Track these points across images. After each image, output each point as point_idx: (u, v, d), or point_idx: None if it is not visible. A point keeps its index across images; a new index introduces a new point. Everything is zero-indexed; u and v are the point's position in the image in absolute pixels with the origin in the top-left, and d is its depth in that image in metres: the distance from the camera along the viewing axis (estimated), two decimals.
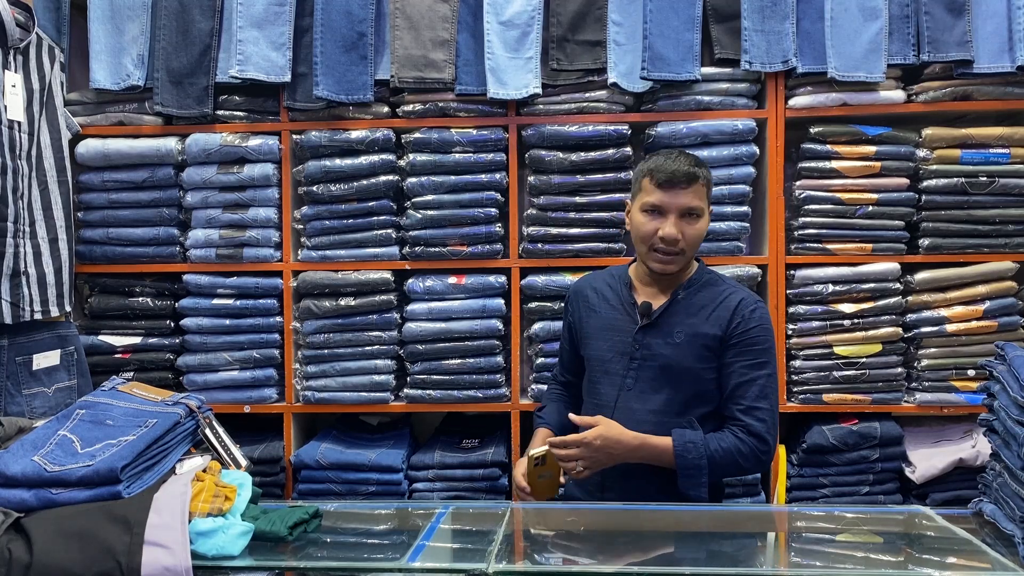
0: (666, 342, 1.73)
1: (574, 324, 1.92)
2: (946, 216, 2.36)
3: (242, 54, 2.40)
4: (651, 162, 1.74)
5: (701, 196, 1.72)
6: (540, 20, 2.42)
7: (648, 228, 1.71)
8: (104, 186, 2.48)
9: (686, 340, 1.72)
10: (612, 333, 1.79)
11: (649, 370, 1.74)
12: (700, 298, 1.76)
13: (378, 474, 2.39)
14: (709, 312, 1.74)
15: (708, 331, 1.72)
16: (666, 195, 1.69)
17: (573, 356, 1.95)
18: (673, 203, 1.69)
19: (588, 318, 1.86)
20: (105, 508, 1.20)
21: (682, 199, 1.69)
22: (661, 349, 1.73)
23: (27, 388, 2.12)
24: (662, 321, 1.75)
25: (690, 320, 1.74)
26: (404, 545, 1.36)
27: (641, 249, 1.76)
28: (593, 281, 1.92)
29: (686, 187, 1.69)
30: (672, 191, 1.69)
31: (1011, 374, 1.38)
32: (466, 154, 2.43)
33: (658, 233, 1.69)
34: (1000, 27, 2.31)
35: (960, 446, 2.34)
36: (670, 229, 1.68)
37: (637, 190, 1.77)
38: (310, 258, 2.48)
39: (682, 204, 1.69)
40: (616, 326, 1.79)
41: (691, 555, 1.42)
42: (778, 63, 2.36)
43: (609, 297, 1.84)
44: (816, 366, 2.38)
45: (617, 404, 1.75)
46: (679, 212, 1.69)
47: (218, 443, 1.44)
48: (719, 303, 1.74)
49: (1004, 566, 1.22)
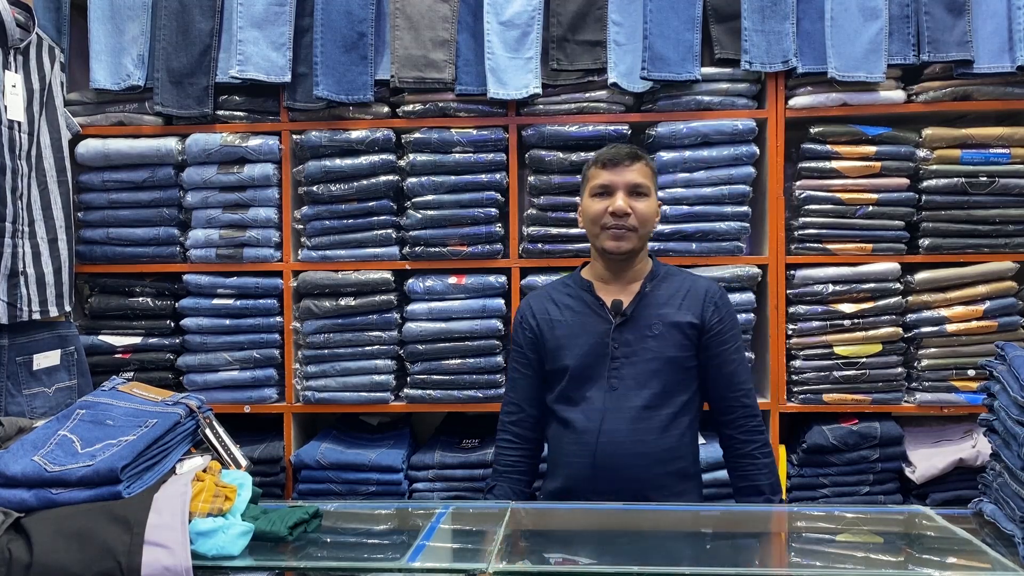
0: (645, 336, 1.74)
1: (537, 341, 1.82)
2: (946, 216, 2.36)
3: (242, 54, 2.40)
4: (595, 154, 1.82)
5: (646, 175, 1.77)
6: (540, 20, 2.42)
7: (598, 207, 1.75)
8: (104, 186, 2.48)
9: (664, 330, 1.74)
10: (587, 337, 1.76)
11: (632, 367, 1.74)
12: (667, 288, 1.79)
13: (378, 474, 2.39)
14: (680, 301, 1.77)
15: (683, 319, 1.75)
16: (611, 173, 1.75)
17: (535, 382, 1.84)
18: (619, 180, 1.74)
19: (554, 330, 1.80)
20: (105, 508, 1.20)
21: (627, 175, 1.74)
22: (641, 344, 1.74)
23: (27, 388, 2.12)
24: (636, 316, 1.76)
25: (663, 310, 1.76)
26: (404, 545, 1.36)
27: (594, 231, 1.77)
28: (547, 294, 1.87)
29: (630, 164, 1.75)
30: (617, 169, 1.74)
31: (1011, 374, 1.38)
32: (466, 154, 2.43)
33: (608, 209, 1.73)
34: (1000, 27, 2.31)
35: (960, 446, 2.34)
36: (619, 203, 1.72)
37: (585, 182, 1.82)
38: (310, 258, 2.48)
39: (628, 180, 1.74)
40: (589, 329, 1.76)
41: (691, 555, 1.42)
42: (778, 63, 2.36)
43: (572, 304, 1.81)
44: (816, 366, 2.38)
45: (605, 406, 1.73)
46: (626, 189, 1.74)
47: (218, 443, 1.44)
48: (687, 291, 1.79)
49: (1004, 566, 1.22)
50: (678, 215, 2.40)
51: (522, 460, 1.84)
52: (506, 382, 1.93)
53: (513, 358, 1.88)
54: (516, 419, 1.85)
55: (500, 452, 1.86)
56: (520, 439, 1.85)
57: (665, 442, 1.73)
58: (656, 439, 1.72)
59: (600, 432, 1.72)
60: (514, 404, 1.86)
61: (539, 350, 1.82)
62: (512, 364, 1.88)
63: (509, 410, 1.87)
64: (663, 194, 2.42)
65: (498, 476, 1.84)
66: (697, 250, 2.41)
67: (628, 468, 1.72)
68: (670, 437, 1.74)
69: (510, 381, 1.89)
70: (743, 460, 1.78)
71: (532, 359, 1.83)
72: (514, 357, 1.88)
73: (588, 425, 1.73)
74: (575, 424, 1.75)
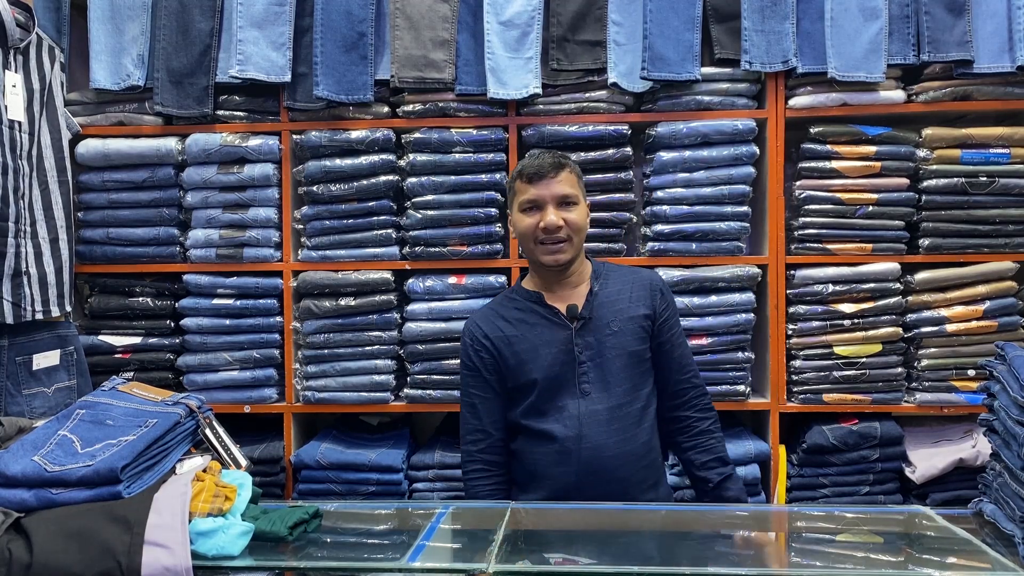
0: (606, 335, 1.74)
1: (496, 361, 1.77)
2: (946, 216, 2.36)
3: (242, 54, 2.40)
4: (519, 164, 1.79)
5: (573, 184, 1.75)
6: (540, 20, 2.42)
7: (529, 224, 1.73)
8: (104, 186, 2.48)
9: (622, 326, 1.75)
10: (549, 348, 1.73)
11: (599, 368, 1.73)
12: (614, 284, 1.80)
13: (378, 474, 2.39)
14: (629, 294, 1.79)
15: (638, 312, 1.77)
16: (538, 188, 1.72)
17: (497, 404, 1.79)
18: (547, 193, 1.72)
19: (513, 346, 1.75)
20: (105, 508, 1.20)
21: (554, 188, 1.72)
22: (604, 343, 1.74)
23: (27, 388, 2.12)
24: (593, 317, 1.75)
25: (617, 307, 1.77)
26: (404, 545, 1.36)
27: (528, 247, 1.76)
28: (494, 312, 1.82)
29: (555, 175, 1.72)
30: (543, 182, 1.72)
31: (1011, 374, 1.38)
32: (466, 154, 2.43)
33: (539, 224, 1.72)
34: (1000, 27, 2.31)
35: (960, 446, 2.34)
36: (550, 218, 1.71)
37: (512, 196, 1.79)
38: (310, 258, 2.48)
39: (555, 193, 1.72)
40: (550, 339, 1.74)
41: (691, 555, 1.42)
42: (778, 63, 2.36)
43: (525, 317, 1.77)
44: (816, 366, 2.38)
45: (580, 412, 1.71)
46: (555, 201, 1.72)
47: (218, 443, 1.44)
48: (633, 284, 1.80)
49: (1004, 566, 1.22)
50: (678, 215, 2.40)
51: (499, 488, 1.80)
52: (462, 408, 1.83)
53: (468, 384, 1.81)
54: (485, 446, 1.79)
55: (474, 483, 1.79)
56: (493, 466, 1.79)
57: (640, 436, 1.75)
58: (633, 436, 1.73)
59: (581, 438, 1.70)
60: (479, 431, 1.79)
61: (499, 370, 1.77)
62: (467, 390, 1.81)
63: (475, 438, 1.80)
64: (663, 194, 2.42)
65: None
66: (697, 250, 2.41)
67: (613, 469, 1.71)
68: (643, 431, 1.76)
69: (468, 407, 1.81)
70: (702, 436, 1.81)
71: (491, 380, 1.78)
72: (469, 383, 1.81)
73: (567, 434, 1.71)
74: (554, 434, 1.72)
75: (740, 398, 2.40)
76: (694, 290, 2.40)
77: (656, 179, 2.43)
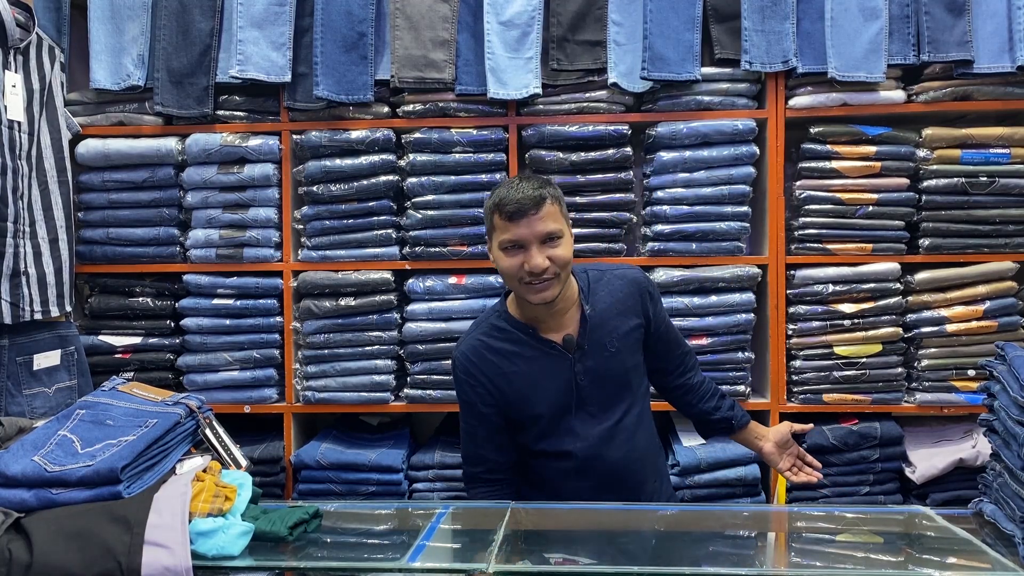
0: (604, 357, 1.70)
1: (494, 397, 1.71)
2: (946, 216, 2.36)
3: (242, 54, 2.40)
4: (496, 195, 1.63)
5: (556, 218, 1.61)
6: (540, 20, 2.42)
7: (512, 264, 1.61)
8: (104, 186, 2.48)
9: (619, 345, 1.71)
10: (551, 381, 1.69)
11: (602, 390, 1.71)
12: (602, 300, 1.73)
13: (378, 474, 2.39)
14: (618, 308, 1.73)
15: (629, 324, 1.73)
16: (519, 227, 1.58)
17: (494, 431, 1.74)
18: (529, 233, 1.58)
19: (512, 383, 1.70)
20: (105, 508, 1.20)
21: (537, 227, 1.58)
22: (604, 366, 1.70)
23: (27, 388, 2.12)
24: (590, 343, 1.70)
25: (610, 324, 1.71)
26: (404, 545, 1.36)
27: (514, 285, 1.65)
28: (485, 341, 1.74)
29: (536, 213, 1.58)
30: (524, 220, 1.58)
31: (1011, 374, 1.38)
32: (466, 154, 2.43)
33: (525, 267, 1.59)
34: (1000, 27, 2.31)
35: (960, 446, 2.34)
36: (536, 260, 1.58)
37: (491, 228, 1.66)
38: (310, 258, 2.48)
39: (539, 232, 1.58)
40: (551, 372, 1.69)
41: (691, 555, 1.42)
42: (778, 63, 2.36)
43: (520, 351, 1.71)
44: (816, 366, 2.38)
45: (587, 433, 1.71)
46: (538, 240, 1.59)
47: (218, 443, 1.44)
48: (619, 294, 1.74)
49: (1004, 566, 1.22)
50: (678, 215, 2.40)
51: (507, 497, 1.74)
52: (462, 432, 1.80)
53: (465, 413, 1.76)
54: (485, 469, 1.76)
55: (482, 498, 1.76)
56: (496, 483, 1.77)
57: (643, 437, 1.77)
58: (637, 440, 1.75)
59: (596, 456, 1.71)
60: (478, 456, 1.76)
61: (498, 404, 1.72)
62: (465, 419, 1.77)
63: (475, 461, 1.77)
64: (663, 194, 2.42)
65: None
66: (697, 250, 2.41)
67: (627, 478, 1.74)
68: (643, 429, 1.78)
69: (466, 435, 1.78)
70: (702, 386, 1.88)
71: (489, 412, 1.73)
72: (465, 413, 1.76)
73: (584, 452, 1.71)
74: (571, 453, 1.71)
75: (740, 398, 2.40)
76: (694, 290, 2.40)
77: (656, 179, 2.43)
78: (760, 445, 1.86)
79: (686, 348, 1.89)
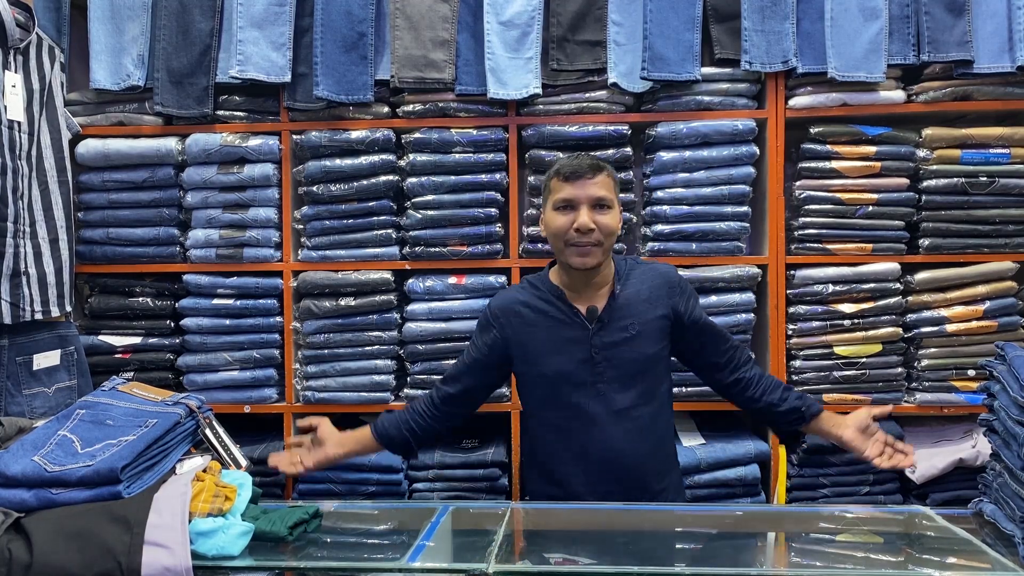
0: (623, 338, 1.76)
1: (509, 340, 1.83)
2: (946, 216, 2.36)
3: (242, 54, 2.40)
4: (556, 164, 1.79)
5: (609, 188, 1.75)
6: (540, 20, 2.42)
7: (562, 223, 1.73)
8: (104, 186, 2.48)
9: (640, 329, 1.77)
10: (566, 344, 1.77)
11: (615, 370, 1.76)
12: (634, 286, 1.81)
13: (378, 474, 2.39)
14: (647, 296, 1.80)
15: (655, 314, 1.79)
16: (574, 187, 1.72)
17: (473, 370, 1.86)
18: (583, 194, 1.72)
19: (531, 335, 1.81)
20: (105, 508, 1.20)
21: (590, 189, 1.72)
22: (621, 347, 1.76)
23: (27, 388, 2.12)
24: (612, 319, 1.77)
25: (636, 309, 1.78)
26: (404, 545, 1.36)
27: (558, 246, 1.76)
28: (518, 296, 1.86)
29: (592, 177, 1.72)
30: (579, 182, 1.72)
31: (1011, 374, 1.38)
32: (466, 154, 2.43)
33: (573, 225, 1.71)
34: (1000, 27, 2.31)
35: (960, 446, 2.34)
36: (584, 219, 1.70)
37: (547, 194, 1.79)
38: (310, 258, 2.48)
39: (591, 195, 1.72)
40: (568, 337, 1.77)
41: (691, 555, 1.43)
42: (778, 63, 2.36)
43: (545, 310, 1.80)
44: (816, 366, 2.38)
45: (594, 411, 1.76)
46: (589, 203, 1.72)
47: (218, 443, 1.45)
48: (651, 285, 1.81)
49: (1004, 566, 1.22)
50: (678, 215, 2.40)
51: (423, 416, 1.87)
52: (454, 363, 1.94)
53: (471, 342, 1.90)
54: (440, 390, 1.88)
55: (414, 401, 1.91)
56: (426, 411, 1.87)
57: (654, 434, 1.80)
58: (646, 435, 1.78)
59: (595, 439, 1.76)
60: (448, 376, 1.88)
61: (498, 352, 1.84)
62: (465, 350, 1.90)
63: (443, 379, 1.90)
64: (663, 194, 2.42)
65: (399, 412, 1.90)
66: (697, 250, 2.41)
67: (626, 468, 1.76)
68: (657, 428, 1.81)
69: (457, 360, 1.91)
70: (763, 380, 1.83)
71: (483, 355, 1.85)
72: (472, 341, 1.89)
73: (580, 429, 1.76)
74: (567, 429, 1.77)
75: None
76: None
77: (656, 179, 2.43)
78: (840, 433, 1.77)
79: (734, 343, 1.86)
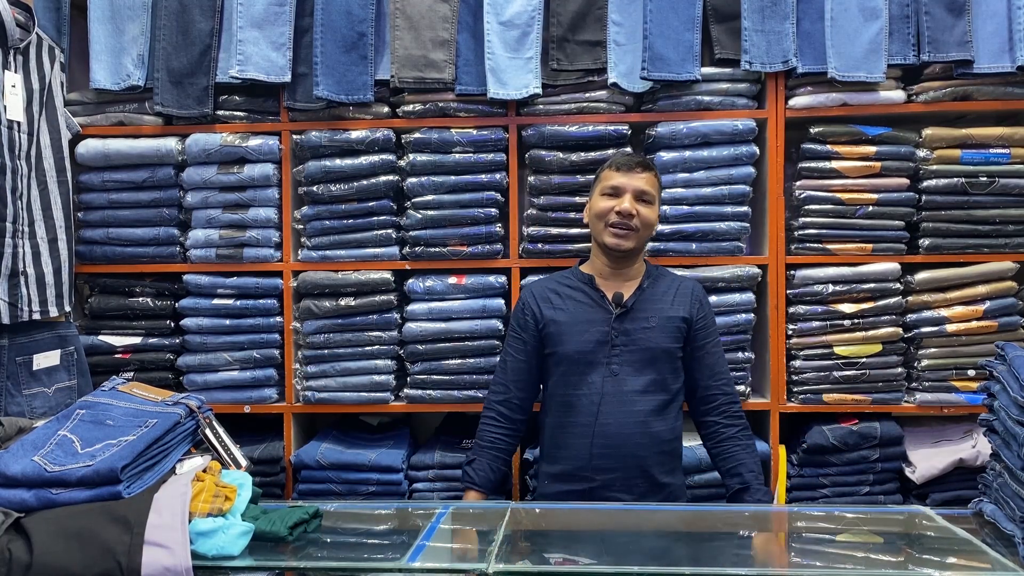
0: (643, 327, 1.89)
1: (536, 326, 1.94)
2: (946, 216, 2.36)
3: (242, 54, 2.40)
4: (610, 159, 2.00)
5: (654, 186, 1.92)
6: (540, 20, 2.42)
7: (606, 206, 1.90)
8: (104, 186, 2.48)
9: (660, 323, 1.90)
10: (588, 325, 1.89)
11: (631, 354, 1.87)
12: (661, 286, 1.96)
13: (378, 474, 2.39)
14: (671, 297, 1.94)
15: (676, 314, 1.92)
16: (623, 176, 1.90)
17: (526, 366, 1.96)
18: (630, 184, 1.89)
19: (555, 316, 1.93)
20: (105, 508, 1.20)
21: (637, 182, 1.89)
22: (639, 334, 1.88)
23: (27, 388, 2.12)
24: (635, 308, 1.90)
25: (658, 305, 1.92)
26: (404, 545, 1.36)
27: (598, 227, 1.92)
28: (548, 284, 2.01)
29: (641, 172, 1.90)
30: (629, 174, 1.90)
31: (1011, 374, 1.38)
32: (466, 154, 2.43)
33: (615, 208, 1.87)
34: (1000, 27, 2.31)
35: (960, 446, 2.34)
36: (626, 204, 1.87)
37: (597, 183, 1.97)
38: (310, 258, 2.48)
39: (637, 186, 1.89)
40: (591, 319, 1.90)
41: (691, 555, 1.43)
42: (778, 63, 2.36)
43: (573, 294, 1.95)
44: (816, 366, 2.38)
45: (604, 390, 1.85)
46: (634, 193, 1.89)
47: (218, 443, 1.45)
48: (677, 289, 1.96)
49: (1004, 566, 1.22)
50: (678, 215, 2.40)
51: (503, 438, 1.96)
52: (498, 364, 2.03)
53: (508, 342, 2.00)
54: (502, 399, 1.97)
55: (484, 429, 1.97)
56: (504, 418, 1.96)
57: (662, 424, 1.87)
58: (652, 420, 1.86)
59: (600, 412, 1.84)
60: (502, 385, 1.98)
61: (537, 335, 1.95)
62: (506, 347, 2.00)
63: (497, 390, 1.99)
64: (663, 194, 2.42)
65: (479, 451, 1.96)
66: (697, 250, 2.41)
67: (628, 448, 1.84)
68: (666, 420, 1.89)
69: (501, 363, 2.01)
70: (727, 443, 1.91)
71: (528, 342, 1.95)
72: (509, 341, 2.00)
73: (589, 406, 1.86)
74: (576, 405, 1.87)
75: (740, 398, 2.39)
76: None
77: None
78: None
79: (724, 390, 1.94)
